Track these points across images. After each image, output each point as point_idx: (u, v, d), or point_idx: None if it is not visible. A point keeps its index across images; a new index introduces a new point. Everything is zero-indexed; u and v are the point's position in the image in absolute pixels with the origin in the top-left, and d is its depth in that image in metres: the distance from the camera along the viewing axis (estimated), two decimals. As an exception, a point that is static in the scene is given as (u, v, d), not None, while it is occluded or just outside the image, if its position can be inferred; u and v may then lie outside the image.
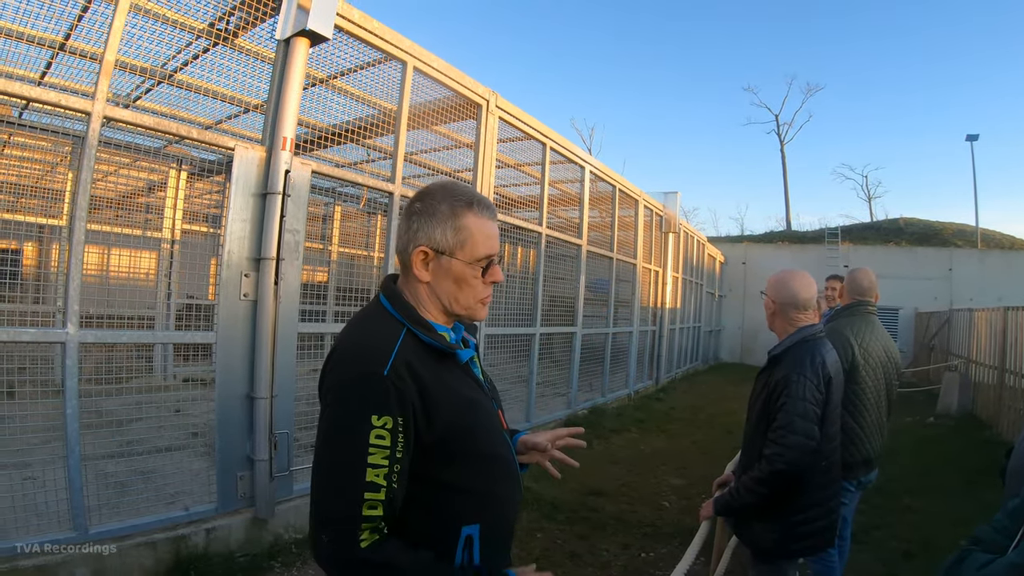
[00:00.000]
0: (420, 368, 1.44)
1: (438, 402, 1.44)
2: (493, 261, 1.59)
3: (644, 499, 6.43)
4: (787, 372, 2.77)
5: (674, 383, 15.35)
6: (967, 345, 13.37)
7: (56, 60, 5.59)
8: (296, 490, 4.83)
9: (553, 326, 9.24)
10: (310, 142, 5.89)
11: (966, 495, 6.25)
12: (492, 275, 1.59)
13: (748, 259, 23.92)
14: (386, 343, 1.45)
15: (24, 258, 8.54)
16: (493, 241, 1.58)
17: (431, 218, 1.54)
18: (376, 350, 1.43)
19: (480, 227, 1.55)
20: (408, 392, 1.40)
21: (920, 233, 29.32)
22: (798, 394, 2.70)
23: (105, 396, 4.95)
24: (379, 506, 1.36)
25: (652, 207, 13.19)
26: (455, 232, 1.53)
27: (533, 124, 7.92)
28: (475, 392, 1.58)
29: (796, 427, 2.66)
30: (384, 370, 1.39)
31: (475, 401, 1.56)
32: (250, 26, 4.75)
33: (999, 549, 1.37)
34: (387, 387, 1.38)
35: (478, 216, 1.55)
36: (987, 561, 1.32)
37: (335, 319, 9.62)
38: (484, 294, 1.60)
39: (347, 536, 1.35)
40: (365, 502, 1.34)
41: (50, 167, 8.60)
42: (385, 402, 1.37)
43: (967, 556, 1.38)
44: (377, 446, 1.35)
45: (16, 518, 3.70)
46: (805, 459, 2.66)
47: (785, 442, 2.66)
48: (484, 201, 1.58)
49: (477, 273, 1.56)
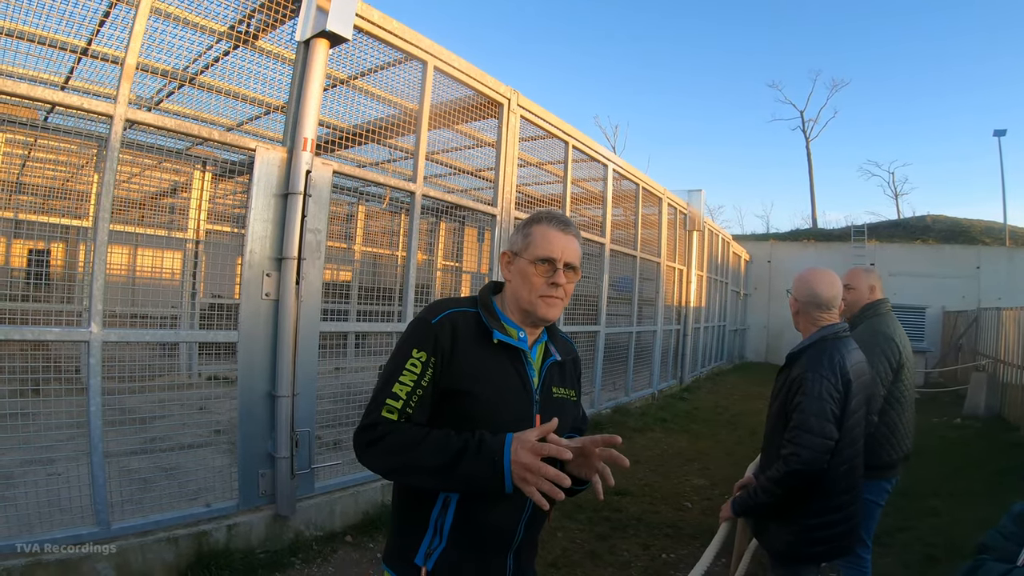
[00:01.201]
0: (463, 333, 1.75)
1: (462, 361, 1.72)
2: (554, 263, 1.79)
3: (666, 499, 6.39)
4: (803, 371, 2.74)
5: (698, 382, 15.27)
6: (995, 345, 13.15)
7: (79, 64, 5.67)
8: (317, 488, 4.87)
9: (576, 325, 9.23)
10: (332, 142, 5.92)
11: (992, 498, 6.12)
12: (552, 276, 1.79)
13: (774, 257, 23.70)
14: (445, 308, 1.79)
15: (52, 259, 8.68)
16: (553, 245, 1.79)
17: (516, 230, 1.88)
18: (435, 310, 1.78)
19: (543, 233, 1.81)
20: (444, 341, 1.71)
21: (947, 230, 28.98)
22: (814, 392, 2.67)
23: (130, 394, 5.01)
24: (395, 412, 1.66)
25: (676, 205, 13.12)
26: (523, 237, 1.83)
27: (555, 122, 7.91)
28: (508, 378, 1.78)
29: (812, 426, 2.63)
30: (433, 319, 1.74)
31: (497, 382, 1.76)
32: (271, 28, 4.79)
33: (1010, 556, 1.34)
34: (429, 331, 1.72)
35: (544, 226, 1.82)
36: (1005, 571, 1.29)
37: (359, 318, 9.66)
38: (545, 291, 1.79)
39: (367, 415, 1.69)
40: (384, 406, 1.66)
41: (77, 169, 8.73)
42: (424, 340, 1.71)
43: (981, 565, 1.35)
44: (409, 370, 1.68)
45: (40, 513, 3.75)
46: (822, 458, 2.63)
47: (801, 441, 2.63)
48: (557, 217, 1.85)
49: (538, 271, 1.79)
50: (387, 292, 6.28)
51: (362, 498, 5.21)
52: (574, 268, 1.83)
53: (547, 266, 1.79)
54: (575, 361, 2.04)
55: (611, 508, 5.91)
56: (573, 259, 1.82)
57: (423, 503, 1.72)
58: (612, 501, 6.10)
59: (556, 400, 1.87)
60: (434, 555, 1.70)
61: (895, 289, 19.48)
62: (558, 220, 1.84)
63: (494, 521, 1.72)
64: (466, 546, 1.71)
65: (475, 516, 1.70)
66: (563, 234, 1.81)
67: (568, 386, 1.94)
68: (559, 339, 1.99)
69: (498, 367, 1.77)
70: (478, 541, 1.72)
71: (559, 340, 1.98)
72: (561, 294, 1.81)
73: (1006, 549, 1.38)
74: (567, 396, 1.92)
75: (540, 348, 1.90)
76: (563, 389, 1.91)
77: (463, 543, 1.70)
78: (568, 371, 1.97)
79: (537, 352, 1.88)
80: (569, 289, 1.84)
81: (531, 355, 1.85)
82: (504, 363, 1.78)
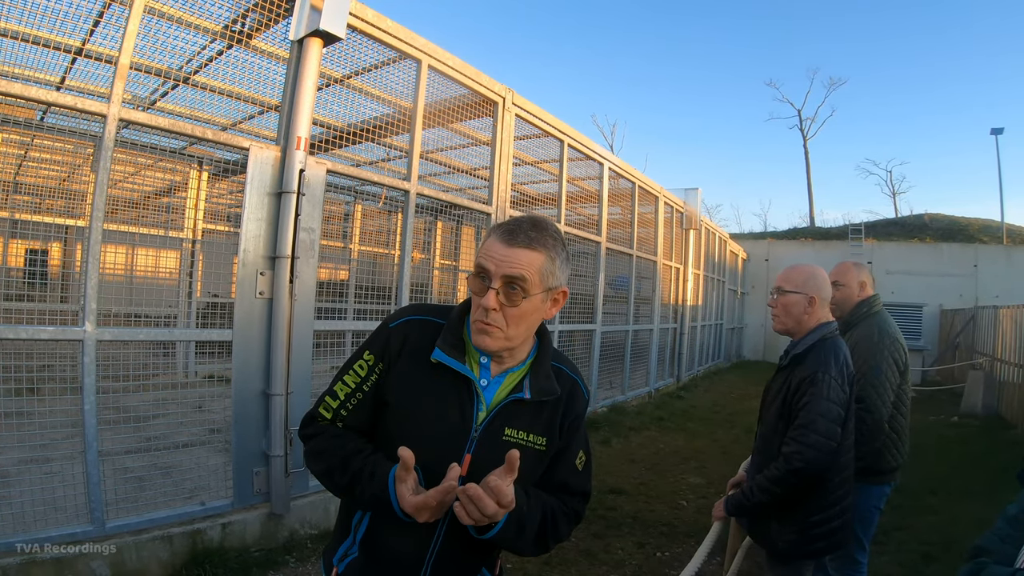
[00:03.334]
0: (413, 343, 1.62)
1: (399, 372, 1.61)
2: (484, 279, 1.52)
3: (662, 498, 6.40)
4: (813, 371, 2.71)
5: (695, 381, 15.29)
6: (992, 343, 13.16)
7: (75, 64, 5.67)
8: (311, 486, 4.87)
9: (572, 323, 9.24)
10: (327, 141, 5.93)
11: (990, 497, 6.10)
12: (482, 296, 1.51)
13: (771, 256, 23.71)
14: (409, 314, 1.68)
15: (50, 258, 8.69)
16: (489, 255, 1.51)
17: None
18: (399, 314, 1.69)
19: (487, 244, 1.54)
20: (393, 347, 1.62)
21: (945, 229, 28.97)
22: (822, 393, 2.65)
23: (125, 393, 5.02)
24: (330, 411, 1.64)
25: (673, 204, 13.13)
26: (481, 255, 1.54)
27: (550, 121, 7.91)
28: (443, 406, 1.57)
29: (818, 426, 2.62)
30: (392, 323, 1.66)
31: (429, 406, 1.57)
32: (265, 27, 4.79)
33: (1008, 559, 1.31)
34: (383, 334, 1.65)
35: (491, 236, 1.55)
36: (1009, 574, 1.25)
37: (356, 317, 9.65)
38: (477, 315, 1.53)
39: (312, 408, 1.69)
40: (323, 402, 1.66)
41: (73, 168, 8.74)
42: (375, 343, 1.65)
43: (982, 569, 1.31)
44: (355, 371, 1.64)
45: (36, 512, 3.76)
46: (824, 459, 2.62)
47: (806, 440, 2.62)
48: (506, 225, 1.55)
49: (473, 287, 1.55)
50: (384, 291, 6.27)
51: (357, 496, 5.19)
52: (521, 286, 1.49)
53: (479, 282, 1.52)
54: (562, 402, 1.68)
55: (606, 507, 5.92)
56: (515, 272, 1.48)
57: (349, 507, 1.67)
58: (607, 500, 6.11)
59: (506, 444, 1.55)
60: (346, 560, 1.63)
61: (892, 288, 19.53)
62: (505, 228, 1.53)
63: (396, 546, 1.57)
64: (374, 560, 1.60)
65: (381, 534, 1.60)
66: (505, 245, 1.50)
67: (538, 432, 1.62)
68: (544, 373, 1.64)
69: (435, 390, 1.57)
70: (385, 560, 1.60)
71: (543, 375, 1.63)
72: (494, 320, 1.51)
73: (1004, 552, 1.35)
74: (531, 443, 1.60)
75: (511, 379, 1.63)
76: (525, 434, 1.60)
77: (372, 556, 1.60)
78: (545, 414, 1.64)
79: (505, 383, 1.62)
80: (511, 315, 1.50)
81: (481, 385, 1.59)
82: (444, 387, 1.57)
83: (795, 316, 2.92)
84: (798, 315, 2.90)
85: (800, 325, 2.92)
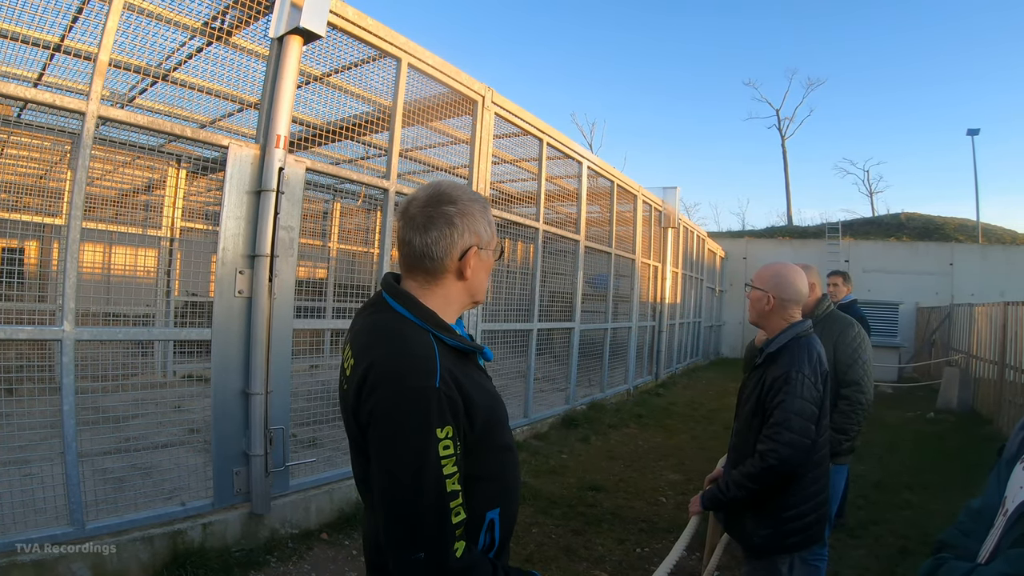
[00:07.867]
0: (458, 374, 1.45)
1: (476, 403, 1.46)
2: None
3: (641, 494, 6.44)
4: (787, 369, 2.73)
5: (674, 378, 15.36)
6: (968, 340, 13.36)
7: (53, 60, 5.62)
8: (292, 485, 4.87)
9: (552, 322, 9.26)
10: (306, 139, 5.91)
11: (965, 491, 6.18)
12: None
13: (749, 254, 23.86)
14: (426, 353, 1.44)
15: (27, 257, 8.59)
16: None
17: (472, 218, 1.54)
18: (422, 362, 1.42)
19: (492, 219, 1.62)
20: (456, 400, 1.41)
21: (921, 228, 29.27)
22: (796, 392, 2.67)
23: (104, 393, 4.98)
24: (462, 511, 1.38)
25: (651, 202, 13.18)
26: (488, 226, 1.58)
27: (530, 120, 7.93)
28: (492, 386, 1.63)
29: (793, 425, 2.64)
30: (436, 382, 1.39)
31: (496, 395, 1.60)
32: (245, 24, 4.77)
33: (970, 554, 1.31)
34: (441, 398, 1.38)
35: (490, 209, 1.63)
36: (968, 570, 1.24)
37: (335, 315, 9.63)
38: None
39: (444, 548, 1.35)
40: (451, 511, 1.36)
41: (51, 166, 8.65)
42: (443, 413, 1.37)
43: (942, 564, 1.31)
44: (447, 456, 1.36)
45: (15, 514, 3.73)
46: (798, 457, 2.65)
47: (780, 439, 2.64)
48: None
49: (493, 260, 1.65)
50: (363, 289, 6.27)
51: (337, 495, 5.21)
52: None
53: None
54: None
55: (586, 503, 5.95)
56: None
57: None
58: (587, 496, 6.14)
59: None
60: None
61: (869, 286, 19.67)
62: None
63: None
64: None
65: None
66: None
67: None
68: None
69: (482, 378, 1.60)
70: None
71: None
72: None
73: (966, 546, 1.35)
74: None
75: None
76: None
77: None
78: None
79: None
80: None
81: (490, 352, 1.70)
82: (479, 371, 1.62)
83: (757, 310, 2.99)
84: (760, 310, 2.97)
85: (764, 320, 2.98)
